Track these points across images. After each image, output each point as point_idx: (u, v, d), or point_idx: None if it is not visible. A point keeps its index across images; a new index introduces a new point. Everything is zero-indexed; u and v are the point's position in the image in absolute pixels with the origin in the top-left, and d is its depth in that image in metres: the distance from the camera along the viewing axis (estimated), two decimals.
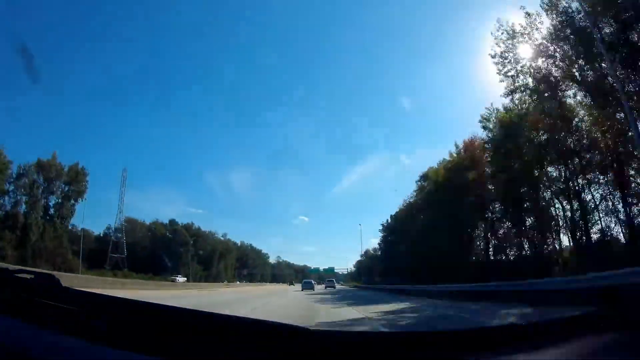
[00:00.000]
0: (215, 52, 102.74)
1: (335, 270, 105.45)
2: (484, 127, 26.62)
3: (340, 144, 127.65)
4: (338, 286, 54.41)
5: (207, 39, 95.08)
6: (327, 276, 72.99)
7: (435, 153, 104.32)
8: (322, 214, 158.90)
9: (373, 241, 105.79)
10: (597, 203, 19.75)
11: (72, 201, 45.02)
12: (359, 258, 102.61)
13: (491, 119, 25.97)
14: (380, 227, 59.96)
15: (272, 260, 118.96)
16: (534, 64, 18.71)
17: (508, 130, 23.22)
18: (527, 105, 21.24)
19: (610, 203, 19.46)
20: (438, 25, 68.34)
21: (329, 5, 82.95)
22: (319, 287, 50.44)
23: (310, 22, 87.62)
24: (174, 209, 79.46)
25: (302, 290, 33.91)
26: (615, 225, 19.82)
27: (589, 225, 19.95)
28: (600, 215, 20.09)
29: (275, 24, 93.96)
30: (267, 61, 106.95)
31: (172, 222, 76.73)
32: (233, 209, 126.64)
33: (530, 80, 19.44)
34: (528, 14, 17.80)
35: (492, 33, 19.85)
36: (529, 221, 25.43)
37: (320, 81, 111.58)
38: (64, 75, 70.05)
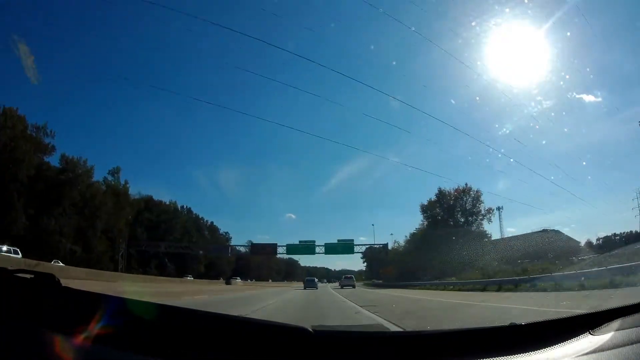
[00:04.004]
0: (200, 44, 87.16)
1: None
2: None
3: (329, 141, 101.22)
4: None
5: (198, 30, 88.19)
6: (323, 268, 77.72)
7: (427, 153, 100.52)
8: (310, 212, 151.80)
9: (362, 239, 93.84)
10: None
11: None
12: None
13: None
14: None
15: (238, 244, 79.80)
16: None
17: None
18: None
19: None
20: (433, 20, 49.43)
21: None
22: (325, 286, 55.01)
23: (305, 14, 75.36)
24: None
25: (304, 289, 36.47)
26: None
27: None
28: None
29: (271, 16, 74.01)
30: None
31: None
32: (219, 205, 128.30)
33: None
34: None
35: None
36: None
37: (310, 81, 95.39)
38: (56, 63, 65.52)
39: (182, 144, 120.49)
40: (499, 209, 52.47)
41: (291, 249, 63.52)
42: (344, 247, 61.83)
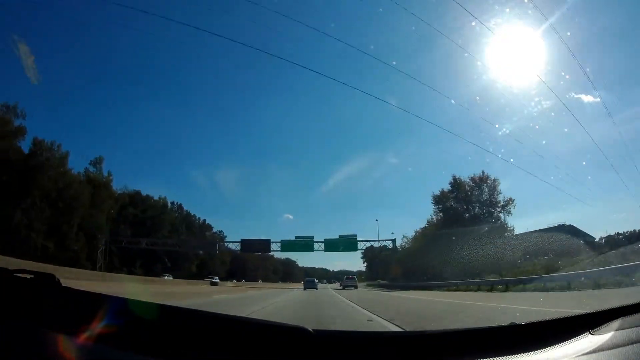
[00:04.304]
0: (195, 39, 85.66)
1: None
2: None
3: (327, 143, 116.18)
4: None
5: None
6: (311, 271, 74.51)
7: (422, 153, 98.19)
8: (309, 212, 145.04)
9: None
10: None
11: None
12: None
13: None
14: None
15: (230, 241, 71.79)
16: None
17: None
18: None
19: None
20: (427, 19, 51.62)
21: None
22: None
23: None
24: None
25: (304, 289, 37.75)
26: None
27: None
28: None
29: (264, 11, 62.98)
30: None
31: None
32: (217, 206, 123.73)
33: None
34: None
35: None
36: None
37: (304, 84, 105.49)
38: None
39: (180, 144, 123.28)
40: (505, 206, 46.27)
41: (286, 245, 57.47)
42: (347, 243, 55.62)
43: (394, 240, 58.45)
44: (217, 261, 77.15)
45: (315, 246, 55.83)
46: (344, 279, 51.17)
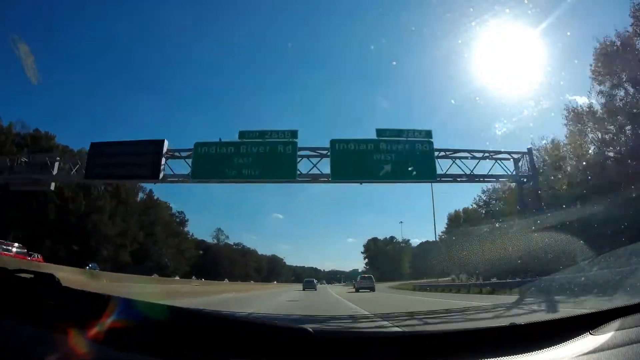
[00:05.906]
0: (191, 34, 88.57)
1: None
2: None
3: (316, 140, 68.88)
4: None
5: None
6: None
7: None
8: (298, 213, 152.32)
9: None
10: None
11: None
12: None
13: None
14: None
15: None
16: None
17: None
18: None
19: None
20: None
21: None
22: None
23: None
24: None
25: (303, 290, 38.04)
26: None
27: None
28: None
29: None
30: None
31: None
32: (204, 204, 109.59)
33: None
34: None
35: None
36: None
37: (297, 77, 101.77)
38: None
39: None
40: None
41: (208, 158, 17.06)
42: (408, 151, 16.67)
43: (526, 153, 19.33)
44: (167, 251, 56.24)
45: (304, 166, 17.98)
46: (358, 278, 44.34)
